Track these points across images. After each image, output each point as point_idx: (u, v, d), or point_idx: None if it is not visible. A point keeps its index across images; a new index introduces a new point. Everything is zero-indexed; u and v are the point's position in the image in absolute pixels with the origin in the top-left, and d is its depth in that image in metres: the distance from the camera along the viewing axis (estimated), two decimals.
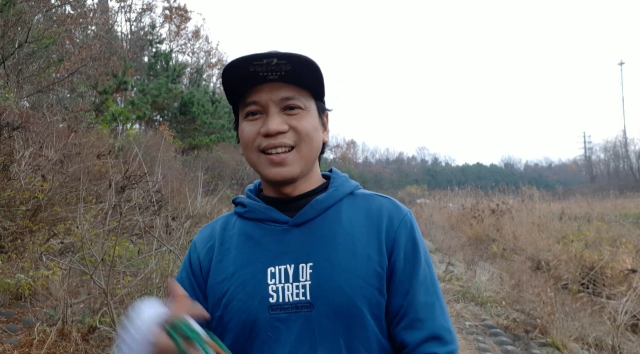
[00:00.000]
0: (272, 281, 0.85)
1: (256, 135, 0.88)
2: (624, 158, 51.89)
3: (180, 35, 27.42)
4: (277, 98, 0.87)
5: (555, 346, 4.18)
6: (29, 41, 7.70)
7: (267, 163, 0.88)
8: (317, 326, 0.82)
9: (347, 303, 0.82)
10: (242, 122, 0.91)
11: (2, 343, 3.25)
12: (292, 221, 0.89)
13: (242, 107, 0.91)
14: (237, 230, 0.93)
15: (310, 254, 0.86)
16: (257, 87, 0.87)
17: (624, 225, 9.88)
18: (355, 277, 0.84)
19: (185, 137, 17.03)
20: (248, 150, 0.90)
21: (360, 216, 0.91)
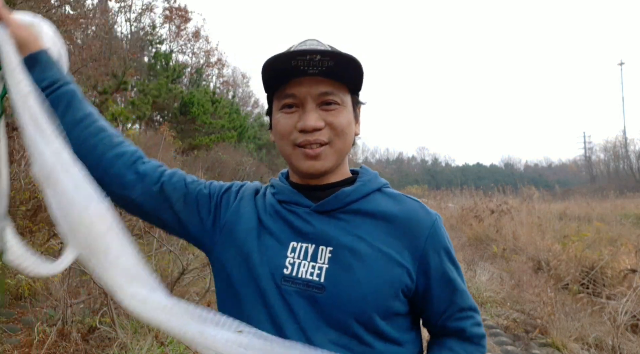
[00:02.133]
0: (292, 254, 0.88)
1: (292, 128, 0.89)
2: (624, 158, 51.88)
3: (181, 36, 27.40)
4: (315, 93, 0.88)
5: (555, 346, 4.18)
6: None
7: (301, 156, 0.89)
8: (326, 308, 0.83)
9: (357, 294, 0.84)
10: (277, 113, 0.91)
11: (2, 343, 3.25)
12: (314, 207, 0.91)
13: (279, 98, 0.91)
14: (270, 202, 0.96)
15: (331, 240, 0.87)
16: (296, 79, 0.87)
17: (624, 225, 9.88)
18: (372, 273, 0.85)
19: (185, 137, 17.03)
20: (283, 142, 0.91)
21: (388, 216, 0.91)
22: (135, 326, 3.54)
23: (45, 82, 0.90)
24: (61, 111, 0.90)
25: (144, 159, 0.98)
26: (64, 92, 0.92)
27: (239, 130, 21.64)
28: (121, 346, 3.24)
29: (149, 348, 3.25)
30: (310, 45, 0.90)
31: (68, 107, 0.92)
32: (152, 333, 3.37)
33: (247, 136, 23.33)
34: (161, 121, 18.24)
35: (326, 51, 0.84)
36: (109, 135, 0.95)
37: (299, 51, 0.84)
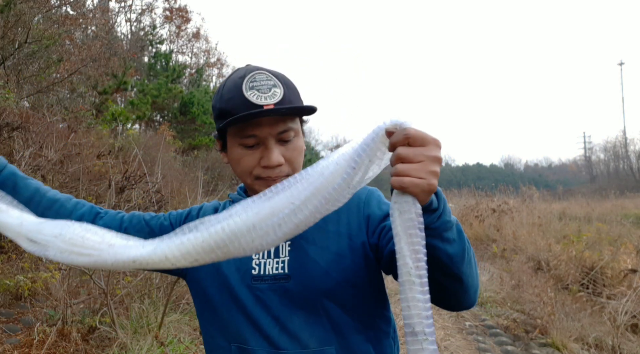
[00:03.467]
0: (256, 256, 0.98)
1: (255, 165, 0.96)
2: (624, 158, 51.89)
3: (181, 36, 27.43)
4: (275, 132, 0.94)
5: (555, 346, 4.18)
6: (29, 42, 7.70)
7: (265, 186, 0.92)
8: (295, 293, 0.93)
9: (319, 273, 0.94)
10: (236, 147, 0.97)
11: (2, 343, 3.25)
12: None
13: (238, 134, 0.95)
14: None
15: None
16: (257, 120, 0.93)
17: (624, 225, 9.88)
18: (327, 252, 0.96)
19: (185, 137, 17.03)
20: (244, 175, 0.98)
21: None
22: (135, 326, 3.54)
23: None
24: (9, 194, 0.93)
25: (100, 213, 1.05)
26: (5, 177, 0.98)
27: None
28: (121, 346, 3.24)
29: (149, 348, 3.25)
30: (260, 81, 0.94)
31: (14, 190, 0.97)
32: (152, 333, 3.37)
33: None
34: (161, 121, 18.24)
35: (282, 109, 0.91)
36: (62, 204, 1.02)
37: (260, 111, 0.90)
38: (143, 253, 0.73)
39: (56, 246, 0.76)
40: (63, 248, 0.76)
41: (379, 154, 0.70)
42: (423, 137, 0.69)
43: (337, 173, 0.69)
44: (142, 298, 3.81)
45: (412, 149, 0.68)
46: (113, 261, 0.74)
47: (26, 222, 0.80)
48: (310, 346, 0.92)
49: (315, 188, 0.69)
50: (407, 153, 0.68)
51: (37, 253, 0.79)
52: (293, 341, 0.92)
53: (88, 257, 0.75)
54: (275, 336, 0.93)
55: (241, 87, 0.94)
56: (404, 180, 0.67)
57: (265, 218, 0.69)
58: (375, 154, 0.69)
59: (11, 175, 0.99)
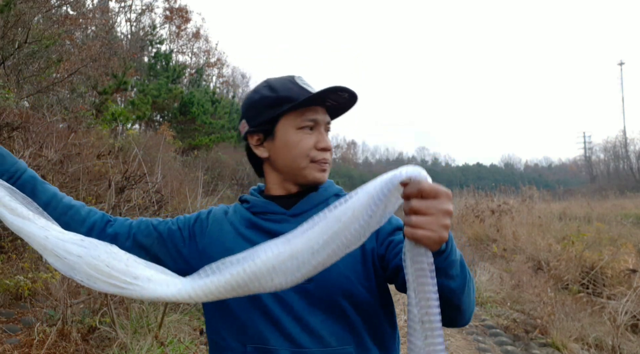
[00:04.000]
0: None
1: (312, 147, 1.04)
2: (624, 158, 51.86)
3: (181, 36, 27.43)
4: (326, 121, 1.07)
5: (555, 346, 4.18)
6: (29, 42, 7.70)
7: (317, 169, 1.05)
8: (316, 294, 0.96)
9: (338, 276, 0.97)
10: (291, 132, 1.05)
11: (2, 343, 3.25)
12: (289, 212, 1.05)
13: (296, 118, 1.04)
14: (245, 216, 1.09)
15: None
16: (316, 107, 1.05)
17: (624, 225, 9.88)
18: (345, 256, 0.97)
19: (185, 137, 17.03)
20: (301, 157, 1.04)
21: None
22: (135, 326, 3.54)
23: (5, 176, 0.98)
24: None
25: (111, 221, 1.09)
26: (25, 180, 1.01)
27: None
28: (121, 346, 3.24)
29: (149, 348, 3.25)
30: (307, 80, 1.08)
31: (33, 194, 0.99)
32: (152, 333, 3.37)
33: None
34: (161, 121, 18.24)
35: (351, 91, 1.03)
36: (77, 210, 1.06)
37: (340, 88, 1.01)
38: (168, 293, 0.79)
39: (82, 270, 0.81)
40: (90, 273, 0.81)
41: (394, 200, 0.75)
42: (436, 190, 0.73)
43: (354, 218, 0.73)
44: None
45: (424, 202, 0.73)
46: (140, 296, 0.81)
47: (51, 236, 0.83)
48: (331, 345, 0.95)
49: (334, 233, 0.74)
50: (420, 206, 0.73)
51: (64, 273, 0.83)
52: (314, 339, 0.95)
53: (114, 287, 0.81)
54: (297, 334, 0.95)
55: (294, 80, 1.06)
56: (417, 232, 0.73)
57: (285, 260, 0.74)
58: (390, 201, 0.74)
59: (31, 179, 1.02)
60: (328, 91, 1.01)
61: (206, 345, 3.41)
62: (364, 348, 0.98)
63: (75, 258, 0.81)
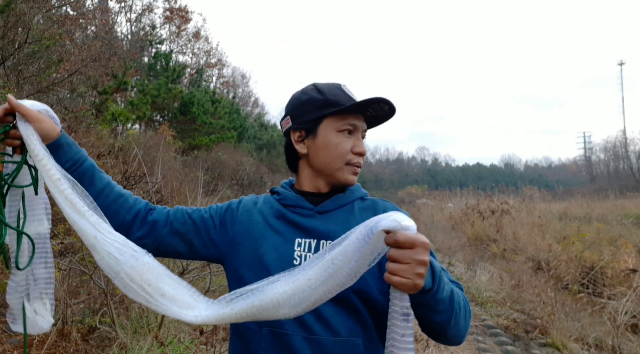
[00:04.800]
0: (298, 248, 1.08)
1: (349, 150, 1.13)
2: (624, 158, 51.85)
3: (181, 36, 27.41)
4: (364, 128, 1.17)
5: (555, 346, 4.18)
6: (29, 42, 7.69)
7: (350, 172, 1.14)
8: None
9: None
10: (332, 134, 1.13)
11: (2, 343, 3.25)
12: (316, 209, 1.13)
13: (338, 121, 1.13)
14: (275, 207, 1.17)
15: (330, 234, 1.08)
16: (357, 115, 1.14)
17: (624, 225, 9.88)
18: None
19: (185, 137, 17.02)
20: (338, 158, 1.13)
21: (370, 212, 1.14)
22: (135, 326, 3.54)
23: (69, 163, 1.09)
24: (85, 185, 1.07)
25: (152, 209, 1.18)
26: (85, 168, 1.11)
27: (239, 130, 21.63)
28: (121, 346, 3.24)
29: (149, 348, 3.25)
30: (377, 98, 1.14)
31: (91, 181, 1.11)
32: (152, 333, 3.37)
33: (247, 136, 23.32)
34: (161, 121, 18.23)
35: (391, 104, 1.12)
36: (125, 198, 1.16)
37: (382, 100, 1.10)
38: (187, 317, 0.91)
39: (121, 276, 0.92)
40: (125, 281, 0.92)
41: (379, 245, 0.83)
42: (412, 241, 0.80)
43: (346, 261, 0.83)
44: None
45: (400, 251, 0.81)
46: (163, 313, 0.92)
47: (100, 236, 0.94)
48: (342, 335, 1.02)
49: (329, 274, 0.84)
50: (396, 255, 0.81)
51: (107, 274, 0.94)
52: (326, 328, 1.01)
53: (143, 299, 0.92)
54: (310, 322, 1.01)
55: (341, 87, 1.16)
56: (393, 279, 0.82)
57: (289, 297, 0.86)
58: (375, 246, 0.83)
59: (90, 167, 1.12)
60: (372, 101, 1.10)
61: (206, 345, 3.41)
62: (372, 342, 1.05)
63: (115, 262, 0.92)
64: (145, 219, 1.15)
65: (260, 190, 14.40)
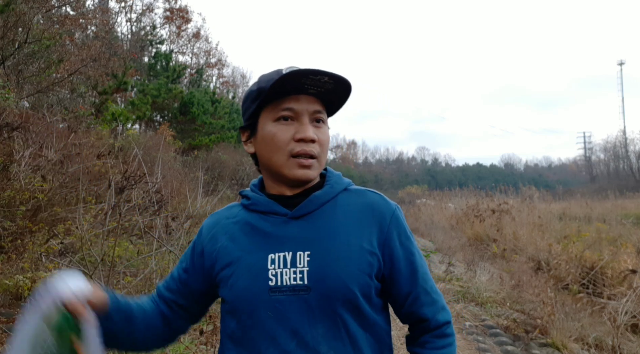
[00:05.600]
0: (272, 266, 0.93)
1: (289, 139, 0.95)
2: (624, 158, 51.89)
3: (181, 36, 27.42)
4: (311, 110, 0.97)
5: (555, 346, 4.18)
6: (29, 42, 7.70)
7: (295, 166, 0.96)
8: (316, 306, 0.91)
9: (341, 287, 0.92)
10: (269, 124, 0.97)
11: (2, 343, 3.24)
12: (291, 214, 0.97)
13: (273, 110, 0.97)
14: (242, 219, 1.02)
15: (308, 243, 0.95)
16: (294, 95, 0.96)
17: (624, 225, 9.88)
18: (349, 264, 0.94)
19: (185, 137, 17.03)
20: (278, 152, 0.96)
21: (354, 210, 1.00)
22: None
23: (116, 315, 1.00)
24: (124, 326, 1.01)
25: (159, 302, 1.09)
26: (126, 315, 1.01)
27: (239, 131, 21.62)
28: None
29: None
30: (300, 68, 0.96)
31: (129, 319, 1.02)
32: None
33: None
34: (161, 121, 18.24)
35: (332, 74, 0.92)
36: (149, 317, 1.05)
37: (313, 70, 0.91)
38: None
39: None
40: None
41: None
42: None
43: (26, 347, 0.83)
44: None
45: None
46: None
47: None
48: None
49: None
50: None
51: None
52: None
53: None
54: (292, 350, 0.90)
55: (280, 71, 0.95)
56: None
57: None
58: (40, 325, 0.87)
59: (128, 309, 1.02)
60: (293, 75, 0.91)
61: (206, 345, 3.40)
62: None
63: None
64: (162, 326, 1.06)
65: None
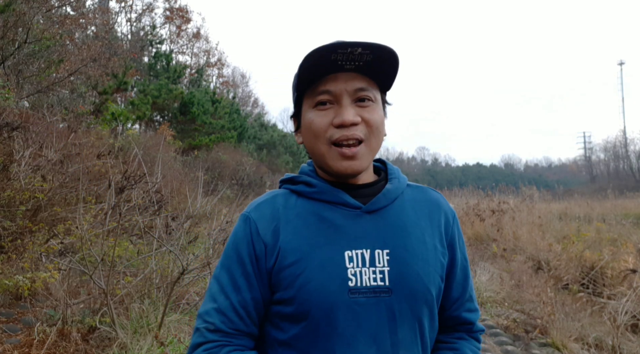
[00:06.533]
0: (351, 264, 0.84)
1: (328, 125, 0.85)
2: (624, 158, 51.91)
3: (181, 36, 27.43)
4: (351, 88, 0.85)
5: (555, 346, 4.18)
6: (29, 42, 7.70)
7: (338, 156, 0.86)
8: (397, 309, 0.84)
9: (423, 289, 0.86)
10: (309, 111, 0.88)
11: (2, 343, 3.25)
12: (365, 208, 0.89)
13: (312, 95, 0.87)
14: (305, 209, 0.89)
15: (385, 241, 0.87)
16: (331, 75, 0.85)
17: (624, 225, 9.88)
18: (428, 265, 0.89)
19: (185, 137, 17.04)
20: (318, 141, 0.87)
21: (423, 207, 0.95)
22: (135, 326, 3.54)
23: None
24: None
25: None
26: None
27: (239, 130, 21.65)
28: (121, 346, 3.24)
29: (149, 348, 3.25)
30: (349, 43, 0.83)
31: None
32: (152, 333, 3.37)
33: (247, 136, 23.34)
34: (161, 121, 18.24)
35: (367, 44, 0.81)
36: None
37: (340, 43, 0.80)
38: None
39: None
40: None
41: None
42: None
43: None
44: (142, 298, 3.81)
45: None
46: None
47: None
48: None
49: None
50: None
51: None
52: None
53: None
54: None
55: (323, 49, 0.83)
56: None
57: None
58: None
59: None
60: (320, 53, 0.81)
61: None
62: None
63: None
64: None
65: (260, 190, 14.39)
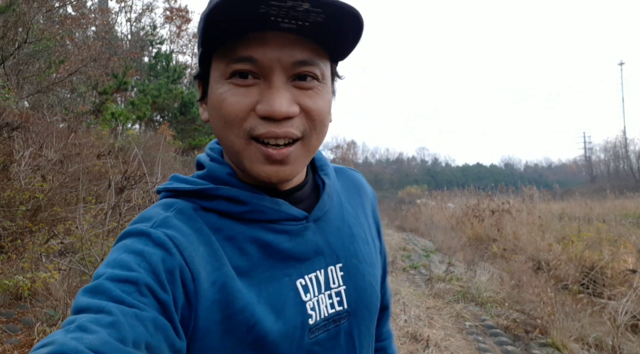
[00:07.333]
0: (307, 296, 0.62)
1: (248, 112, 0.56)
2: (624, 159, 51.92)
3: (181, 36, 27.45)
4: (288, 60, 0.55)
5: (555, 346, 4.18)
6: (29, 42, 7.71)
7: (260, 157, 0.57)
8: (357, 334, 0.67)
9: (376, 300, 0.71)
10: (220, 83, 0.57)
11: (2, 343, 3.25)
12: (311, 216, 0.65)
13: (225, 58, 0.56)
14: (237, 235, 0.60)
15: (336, 253, 0.67)
16: (258, 34, 0.54)
17: (624, 225, 9.88)
18: (375, 269, 0.73)
19: (185, 137, 17.04)
20: (230, 131, 0.57)
21: (354, 196, 0.76)
22: None
23: None
24: None
25: None
26: None
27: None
28: None
29: None
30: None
31: None
32: None
33: None
34: (161, 121, 18.25)
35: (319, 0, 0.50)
36: None
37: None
38: None
39: None
40: None
41: None
42: None
43: None
44: None
45: None
46: None
47: None
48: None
49: None
50: None
51: None
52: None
53: None
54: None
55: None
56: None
57: None
58: None
59: None
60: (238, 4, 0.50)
61: None
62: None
63: None
64: None
65: None
